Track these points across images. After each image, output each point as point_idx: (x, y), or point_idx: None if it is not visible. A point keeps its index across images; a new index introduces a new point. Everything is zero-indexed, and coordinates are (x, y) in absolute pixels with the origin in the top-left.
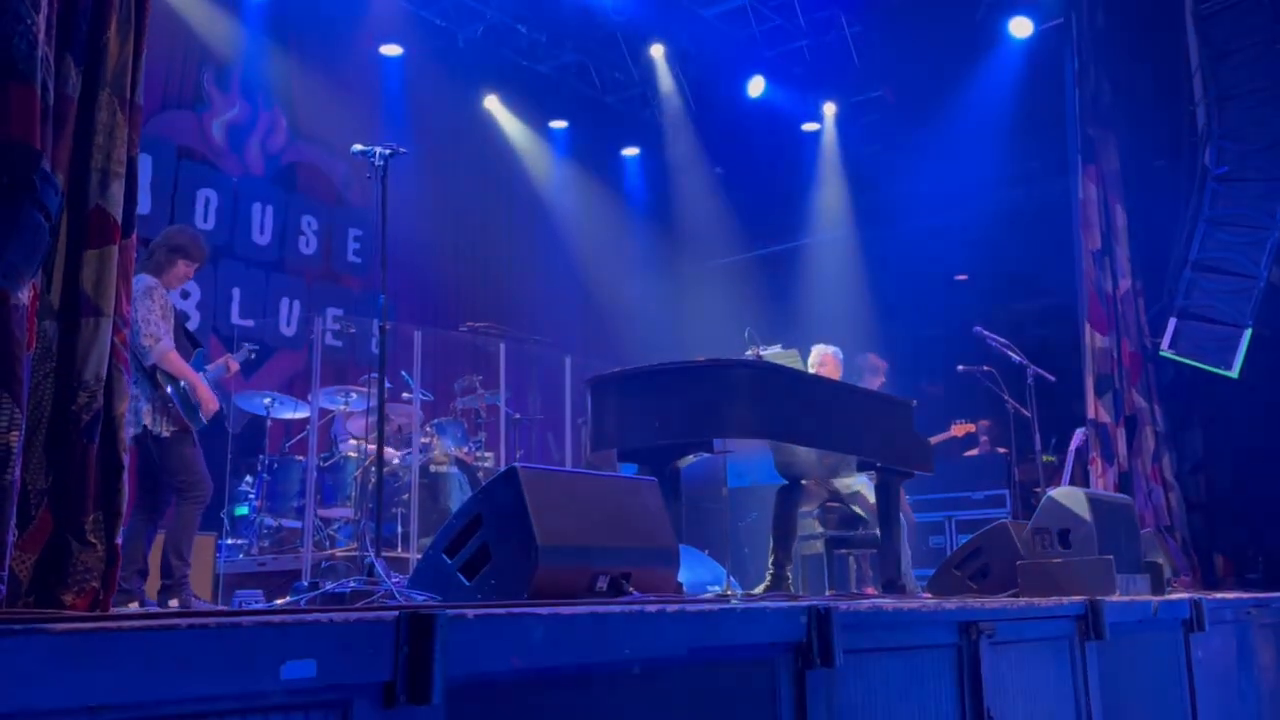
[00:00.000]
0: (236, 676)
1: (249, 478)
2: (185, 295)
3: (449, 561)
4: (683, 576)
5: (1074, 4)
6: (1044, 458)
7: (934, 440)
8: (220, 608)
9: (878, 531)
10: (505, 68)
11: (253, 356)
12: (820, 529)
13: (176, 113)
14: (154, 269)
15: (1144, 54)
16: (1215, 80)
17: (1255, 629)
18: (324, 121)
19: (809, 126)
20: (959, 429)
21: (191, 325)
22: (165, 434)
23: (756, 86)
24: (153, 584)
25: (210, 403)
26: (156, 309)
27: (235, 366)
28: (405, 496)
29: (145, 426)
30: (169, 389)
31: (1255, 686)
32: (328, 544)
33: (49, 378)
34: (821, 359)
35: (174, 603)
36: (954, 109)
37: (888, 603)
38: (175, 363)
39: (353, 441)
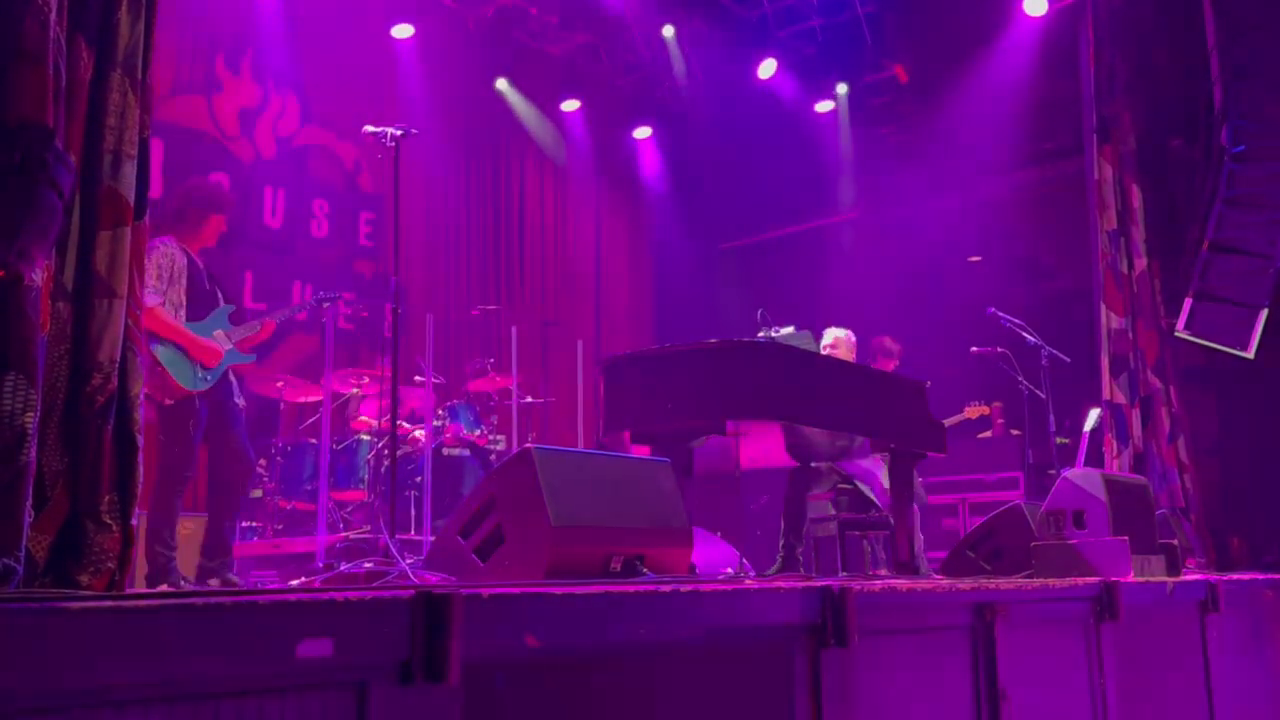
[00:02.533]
0: (253, 655)
1: (262, 461)
2: None
3: (463, 542)
4: (696, 558)
5: None
6: (1058, 439)
7: (948, 423)
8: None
9: (889, 513)
10: (516, 50)
11: (326, 305)
12: (833, 511)
13: (188, 96)
14: (183, 231)
15: (1160, 32)
16: (1232, 58)
17: (1271, 610)
18: (335, 104)
19: (821, 107)
20: (972, 411)
21: None
22: (167, 402)
23: (768, 67)
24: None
25: (207, 356)
26: (151, 268)
27: (272, 326)
28: (418, 479)
29: (146, 394)
30: (159, 353)
31: (1271, 667)
32: (342, 526)
33: (63, 359)
34: (833, 342)
35: (163, 588)
36: (967, 88)
37: (902, 584)
38: (156, 320)
39: (366, 423)
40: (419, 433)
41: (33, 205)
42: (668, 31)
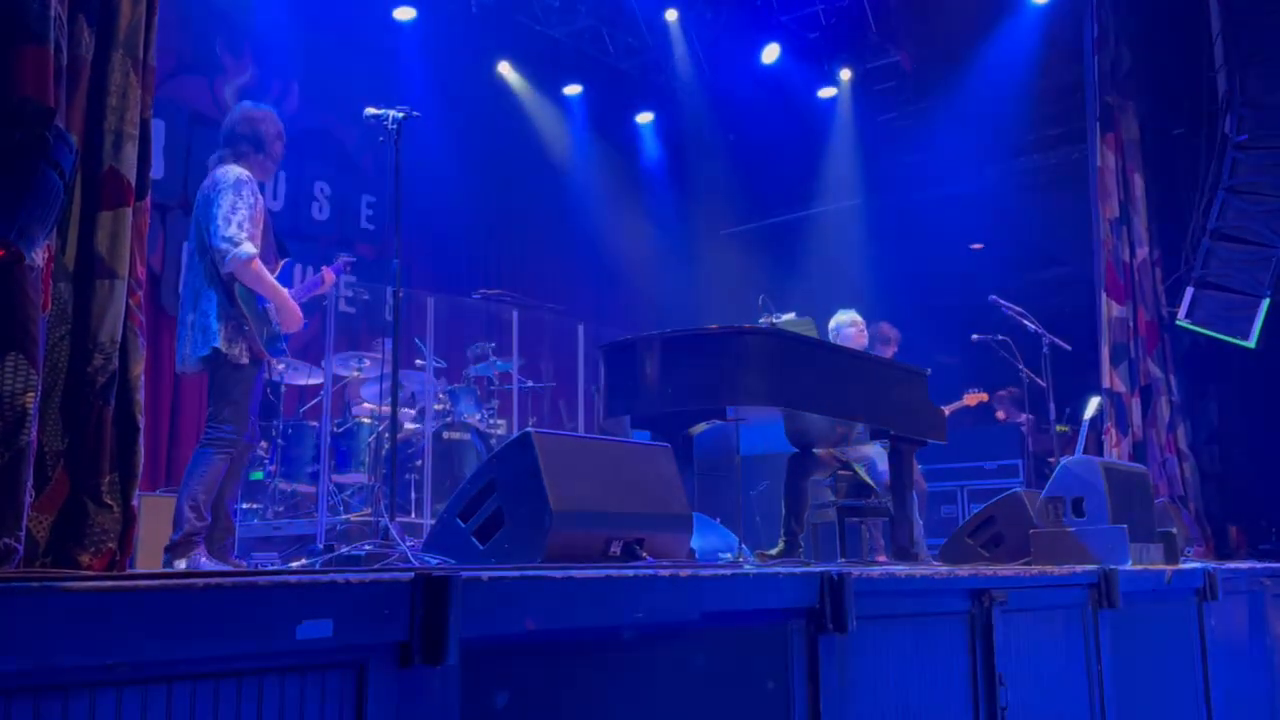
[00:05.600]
0: (253, 636)
1: (264, 443)
2: None
3: (463, 525)
4: (695, 543)
5: None
6: (1058, 428)
7: (947, 410)
8: (235, 568)
9: (889, 500)
10: (519, 33)
11: (348, 269)
12: (832, 497)
13: (189, 77)
14: (261, 164)
15: (1164, 20)
16: (1236, 46)
17: (1268, 599)
18: (337, 87)
19: (825, 93)
20: (971, 398)
21: None
22: (243, 360)
23: (771, 52)
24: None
25: (295, 320)
26: (243, 206)
27: (331, 278)
28: (419, 463)
29: (217, 349)
30: (245, 309)
31: (1267, 655)
32: (342, 509)
33: (64, 340)
34: (850, 321)
35: (180, 564)
36: (971, 75)
37: (900, 570)
38: (259, 275)
39: (367, 407)
40: (409, 427)
41: (34, 185)
42: (671, 15)
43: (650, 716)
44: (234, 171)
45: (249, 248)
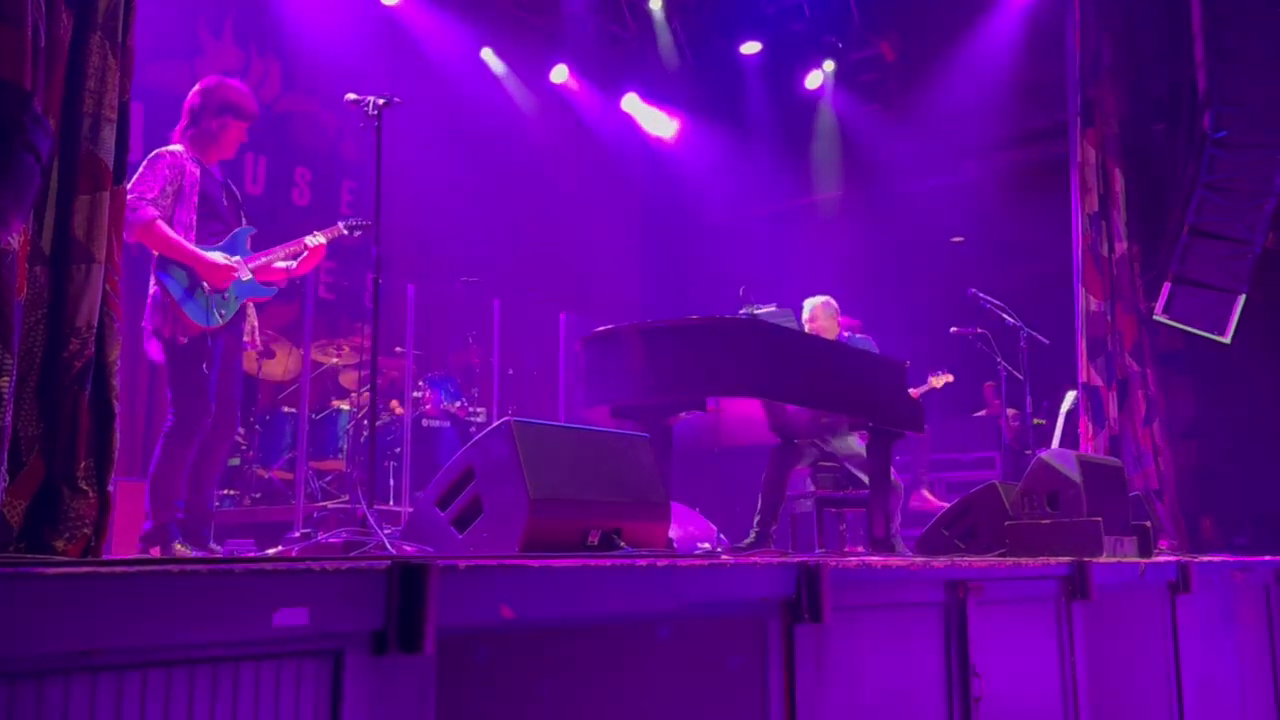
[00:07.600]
0: (228, 623)
1: (241, 430)
2: None
3: (441, 513)
4: (673, 533)
5: None
6: (1035, 421)
7: (914, 393)
8: (210, 555)
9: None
10: (502, 18)
11: (356, 234)
12: (812, 488)
13: (169, 60)
14: (198, 139)
15: (1146, 16)
16: (1217, 43)
17: (1241, 592)
18: (318, 71)
19: (808, 84)
20: (937, 380)
21: None
22: (181, 340)
23: (754, 44)
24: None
25: (216, 276)
26: (150, 177)
27: (317, 243)
28: (397, 450)
29: (149, 329)
30: (169, 285)
31: (1239, 648)
32: (319, 496)
33: (40, 324)
34: (812, 315)
35: (154, 552)
36: (954, 68)
37: (877, 561)
38: (155, 237)
39: (345, 390)
40: (388, 417)
41: (9, 169)
42: (655, 4)
43: (626, 705)
44: (155, 151)
45: (146, 212)
